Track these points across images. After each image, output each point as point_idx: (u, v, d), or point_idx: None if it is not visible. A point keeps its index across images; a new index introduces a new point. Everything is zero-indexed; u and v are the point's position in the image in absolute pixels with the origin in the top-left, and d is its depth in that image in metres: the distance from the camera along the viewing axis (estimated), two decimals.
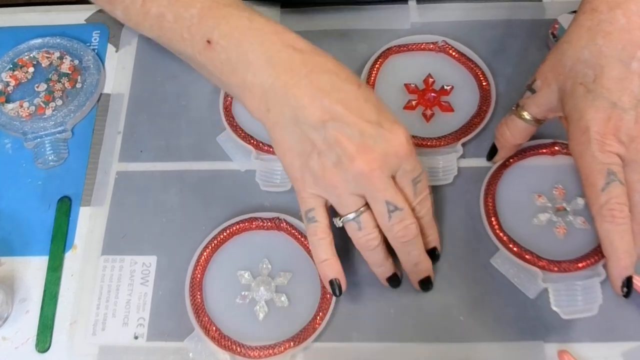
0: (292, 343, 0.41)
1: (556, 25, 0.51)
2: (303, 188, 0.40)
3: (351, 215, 0.39)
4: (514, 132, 0.44)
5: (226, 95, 0.51)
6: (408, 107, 0.51)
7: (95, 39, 0.56)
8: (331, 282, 0.41)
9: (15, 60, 0.54)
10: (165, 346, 0.43)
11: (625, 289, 0.38)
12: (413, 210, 0.40)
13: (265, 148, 0.48)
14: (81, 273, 0.46)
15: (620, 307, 0.42)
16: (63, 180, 0.50)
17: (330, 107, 0.38)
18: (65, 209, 0.48)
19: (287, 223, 0.45)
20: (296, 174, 0.40)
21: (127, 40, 0.56)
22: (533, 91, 0.42)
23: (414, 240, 0.40)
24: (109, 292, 0.45)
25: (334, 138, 0.37)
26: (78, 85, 0.53)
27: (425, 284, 0.43)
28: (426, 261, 0.42)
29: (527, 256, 0.43)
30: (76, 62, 0.54)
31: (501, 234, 0.44)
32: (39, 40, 0.55)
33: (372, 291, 0.44)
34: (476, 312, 0.43)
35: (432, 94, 0.51)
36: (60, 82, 0.53)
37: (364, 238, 0.40)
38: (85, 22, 0.58)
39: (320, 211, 0.40)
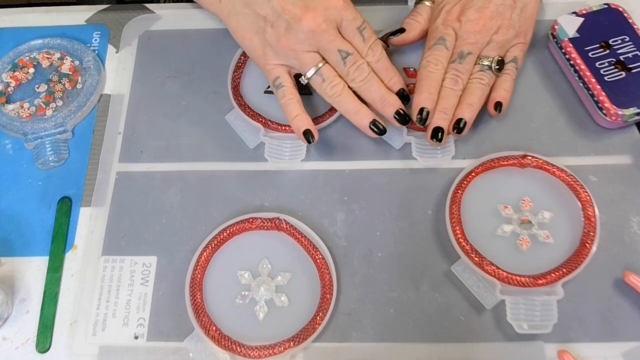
0: (292, 343, 0.41)
1: (556, 26, 0.51)
2: (267, 61, 0.47)
3: (312, 71, 0.46)
4: (426, 17, 0.51)
5: (234, 75, 0.52)
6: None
7: (95, 40, 0.56)
8: (304, 133, 0.46)
9: (16, 61, 0.54)
10: (165, 346, 0.43)
11: (419, 116, 0.47)
12: (366, 56, 0.46)
13: (273, 126, 0.49)
14: (81, 273, 0.46)
15: (620, 307, 0.42)
16: (63, 180, 0.50)
17: None
18: (65, 210, 0.48)
19: (287, 223, 0.45)
20: (258, 51, 0.47)
21: (127, 41, 0.56)
22: None
23: (369, 77, 0.46)
24: (109, 293, 0.45)
25: (280, 7, 0.45)
26: (78, 86, 0.53)
27: (400, 115, 0.47)
28: (390, 95, 0.47)
29: (487, 267, 0.43)
30: (76, 62, 0.54)
31: (463, 243, 0.44)
32: (39, 41, 0.55)
33: (372, 291, 0.44)
34: (476, 312, 0.43)
35: None
36: (60, 82, 0.53)
37: (329, 87, 0.46)
38: (85, 23, 0.58)
39: (285, 77, 0.47)
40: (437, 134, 0.47)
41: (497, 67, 0.48)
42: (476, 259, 0.43)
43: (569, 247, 0.44)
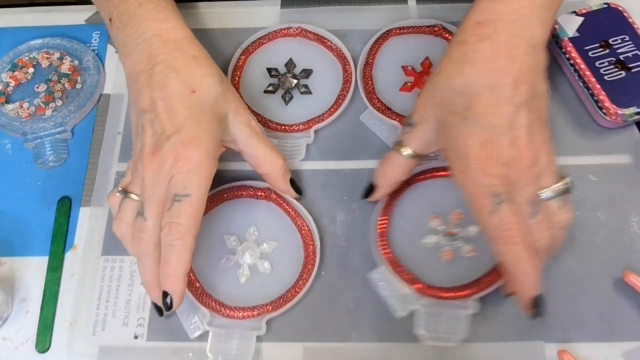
0: (270, 307, 0.42)
1: (556, 26, 0.51)
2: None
3: (115, 206, 0.42)
4: (395, 169, 0.43)
5: (233, 75, 0.52)
6: (404, 88, 0.51)
7: (95, 40, 0.56)
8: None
9: (15, 61, 0.54)
10: (165, 346, 0.43)
11: (533, 309, 0.37)
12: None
13: (273, 125, 0.49)
14: (81, 273, 0.46)
15: (620, 307, 0.42)
16: (63, 180, 0.50)
17: (155, 100, 0.40)
18: (65, 209, 0.48)
19: (277, 195, 0.46)
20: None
21: None
22: (411, 126, 0.42)
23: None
24: (109, 292, 0.45)
25: (143, 127, 0.40)
26: (78, 86, 0.53)
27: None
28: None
29: (404, 276, 0.43)
30: (76, 62, 0.54)
31: (384, 250, 0.44)
32: (39, 41, 0.55)
33: (372, 291, 0.44)
34: (476, 312, 0.43)
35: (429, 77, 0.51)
36: (60, 82, 0.53)
37: (117, 224, 0.41)
38: (85, 23, 0.58)
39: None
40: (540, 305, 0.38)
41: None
42: (394, 266, 0.43)
43: (490, 264, 0.43)
